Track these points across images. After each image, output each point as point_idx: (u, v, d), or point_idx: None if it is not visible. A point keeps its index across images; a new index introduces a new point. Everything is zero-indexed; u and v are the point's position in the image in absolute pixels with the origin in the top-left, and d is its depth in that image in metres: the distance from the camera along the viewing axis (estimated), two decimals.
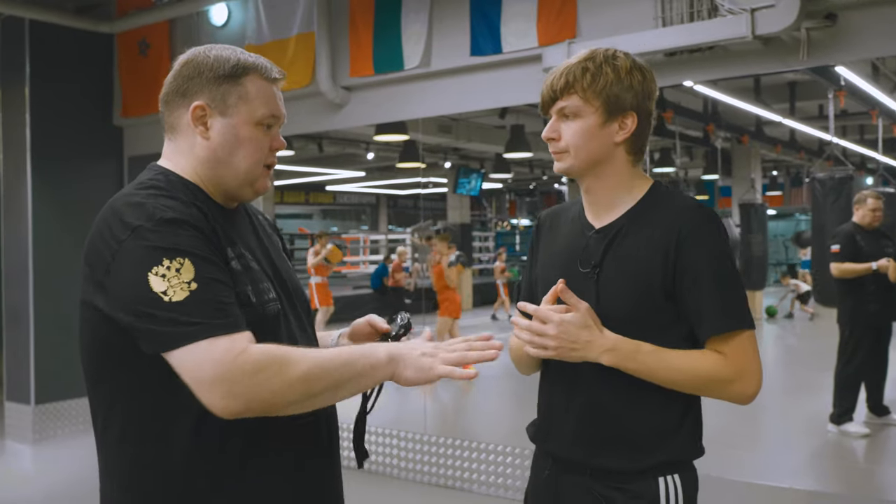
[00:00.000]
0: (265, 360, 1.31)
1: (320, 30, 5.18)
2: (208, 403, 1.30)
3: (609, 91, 1.63)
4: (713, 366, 1.59)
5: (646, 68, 1.69)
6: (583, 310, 1.58)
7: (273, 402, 1.32)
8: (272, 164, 1.58)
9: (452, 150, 14.91)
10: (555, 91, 1.67)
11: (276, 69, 1.57)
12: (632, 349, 1.58)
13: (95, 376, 1.47)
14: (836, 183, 8.01)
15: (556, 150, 1.70)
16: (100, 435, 1.49)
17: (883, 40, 3.68)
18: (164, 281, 1.31)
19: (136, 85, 6.36)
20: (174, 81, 1.53)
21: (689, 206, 1.65)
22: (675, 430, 1.65)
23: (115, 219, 1.38)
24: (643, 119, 1.68)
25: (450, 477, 4.88)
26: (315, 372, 1.35)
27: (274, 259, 1.62)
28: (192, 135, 1.52)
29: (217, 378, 1.28)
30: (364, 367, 1.40)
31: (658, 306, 1.61)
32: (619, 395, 1.64)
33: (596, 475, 1.66)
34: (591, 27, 4.29)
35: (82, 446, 6.03)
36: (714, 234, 1.62)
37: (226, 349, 1.30)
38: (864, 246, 5.79)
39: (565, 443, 1.71)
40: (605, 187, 1.70)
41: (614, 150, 1.68)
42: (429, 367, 1.42)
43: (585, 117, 1.65)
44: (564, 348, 1.58)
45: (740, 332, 1.60)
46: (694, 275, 1.59)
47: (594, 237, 1.70)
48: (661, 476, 1.63)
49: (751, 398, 1.62)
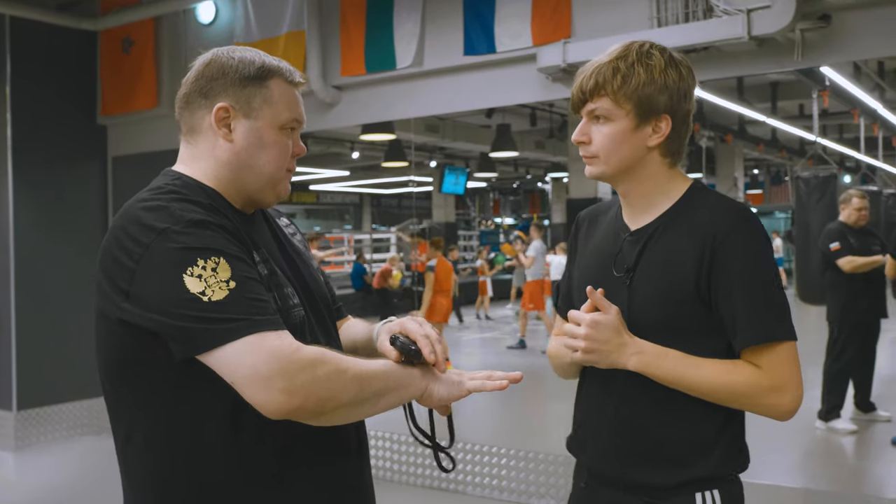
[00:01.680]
0: (321, 356, 1.28)
1: (311, 28, 5.12)
2: (263, 400, 1.24)
3: (641, 93, 1.55)
4: (746, 379, 1.51)
5: (683, 63, 1.59)
6: (613, 313, 1.53)
7: (328, 400, 1.28)
8: (293, 169, 1.54)
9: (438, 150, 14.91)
10: (584, 92, 1.60)
11: (297, 73, 1.54)
12: (658, 353, 1.52)
13: (118, 389, 1.42)
14: (820, 182, 8.06)
15: (586, 154, 1.64)
16: (122, 447, 1.44)
17: (875, 41, 3.69)
18: (200, 281, 1.26)
19: (116, 83, 6.27)
20: (196, 82, 1.48)
21: (727, 206, 1.57)
22: (714, 444, 1.57)
23: (134, 224, 1.33)
24: (679, 121, 1.59)
25: (444, 479, 4.85)
26: (367, 375, 1.33)
27: (297, 263, 1.58)
28: (213, 137, 1.47)
29: (276, 372, 1.23)
30: (405, 377, 1.39)
31: (692, 314, 1.54)
32: (655, 406, 1.57)
33: (630, 489, 1.60)
34: (586, 27, 4.28)
35: (65, 452, 5.96)
36: (753, 236, 1.53)
37: (280, 343, 1.25)
38: (854, 244, 5.84)
39: (600, 455, 1.65)
40: (641, 191, 1.63)
41: (648, 155, 1.60)
42: (458, 383, 1.42)
43: (616, 121, 1.57)
44: (594, 350, 1.53)
45: (779, 344, 1.51)
46: (730, 280, 1.51)
47: (629, 240, 1.63)
48: (698, 492, 1.55)
49: (789, 414, 1.53)
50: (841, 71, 7.25)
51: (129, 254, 1.30)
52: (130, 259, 1.30)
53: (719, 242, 1.52)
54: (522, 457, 4.60)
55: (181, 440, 1.36)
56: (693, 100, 1.62)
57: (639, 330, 1.55)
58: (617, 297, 1.57)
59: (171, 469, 1.37)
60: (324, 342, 1.52)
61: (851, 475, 5.22)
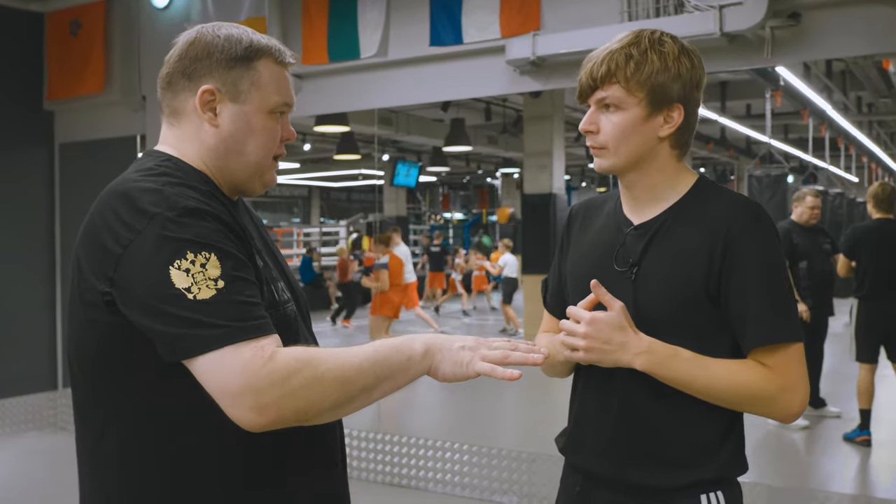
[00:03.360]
0: (295, 365, 1.19)
1: (271, 15, 4.99)
2: (234, 416, 1.18)
3: (654, 81, 1.49)
4: (756, 379, 1.46)
5: (694, 53, 1.55)
6: (617, 308, 1.46)
7: (307, 410, 1.20)
8: (281, 155, 1.46)
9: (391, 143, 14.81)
10: (594, 80, 1.52)
11: (288, 53, 1.44)
12: (669, 354, 1.46)
13: (94, 383, 1.32)
14: (771, 180, 8.23)
15: (594, 144, 1.56)
16: (92, 446, 1.34)
17: (844, 40, 3.74)
18: (187, 276, 1.18)
19: (63, 67, 6.04)
20: (179, 62, 1.38)
21: (739, 201, 1.53)
22: (720, 445, 1.53)
23: (126, 206, 1.24)
24: (690, 111, 1.54)
25: (405, 476, 4.78)
26: (349, 374, 1.23)
27: (277, 256, 1.51)
28: (198, 121, 1.38)
29: (245, 389, 1.16)
30: (400, 362, 1.28)
31: (700, 311, 1.49)
32: (659, 406, 1.51)
33: (631, 492, 1.54)
34: (556, 19, 4.25)
35: (7, 450, 5.74)
36: (766, 233, 1.49)
37: (252, 356, 1.17)
38: (799, 243, 5.92)
39: (598, 456, 1.59)
40: (648, 184, 1.57)
41: (658, 146, 1.54)
42: (467, 363, 1.29)
43: (628, 109, 1.51)
44: (596, 349, 1.46)
45: (790, 345, 1.47)
46: (741, 278, 1.46)
47: (632, 234, 1.57)
48: (703, 493, 1.51)
49: (795, 417, 1.50)
50: (793, 71, 7.37)
51: (117, 238, 1.22)
52: (118, 244, 1.21)
53: (733, 237, 1.48)
54: (485, 453, 4.55)
55: (162, 443, 1.28)
56: (702, 91, 1.58)
57: (645, 326, 1.49)
58: (618, 292, 1.50)
59: (149, 473, 1.29)
60: (309, 338, 1.47)
61: (800, 470, 5.32)
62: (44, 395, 6.19)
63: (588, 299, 1.50)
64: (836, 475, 5.22)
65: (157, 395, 1.27)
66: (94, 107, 5.99)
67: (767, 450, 5.64)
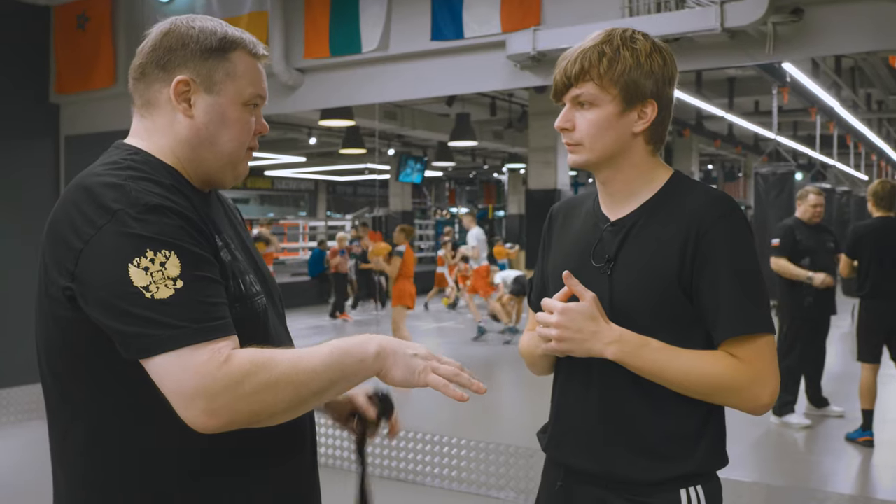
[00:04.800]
0: (250, 369, 1.19)
1: (274, 9, 5.00)
2: (186, 417, 1.18)
3: (627, 77, 1.51)
4: (726, 370, 1.47)
5: (666, 50, 1.57)
6: (589, 299, 1.48)
7: (260, 413, 1.21)
8: (254, 148, 1.46)
9: (396, 137, 14.81)
10: (569, 77, 1.55)
11: (261, 45, 1.45)
12: (639, 343, 1.48)
13: (60, 379, 1.32)
14: (778, 178, 8.18)
15: (569, 141, 1.59)
16: (59, 442, 1.35)
17: (846, 37, 3.71)
18: (146, 275, 1.17)
19: (72, 60, 6.07)
20: (153, 52, 1.38)
21: (711, 195, 1.55)
22: (698, 438, 1.54)
23: (88, 201, 1.23)
24: (664, 107, 1.57)
25: (402, 470, 4.79)
26: (303, 377, 1.23)
27: (250, 248, 1.51)
28: (172, 112, 1.38)
29: (198, 392, 1.16)
30: (352, 365, 1.28)
31: (675, 303, 1.50)
32: (636, 399, 1.53)
33: (612, 487, 1.55)
34: (557, 14, 4.24)
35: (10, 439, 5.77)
36: (737, 226, 1.51)
37: (207, 359, 1.17)
38: (802, 241, 5.88)
39: (579, 451, 1.60)
40: (623, 179, 1.59)
41: (633, 141, 1.56)
42: (419, 371, 1.30)
43: (602, 106, 1.54)
44: (567, 339, 1.48)
45: (760, 336, 1.48)
46: (713, 271, 1.48)
47: (609, 230, 1.60)
48: (682, 488, 1.52)
49: (764, 408, 1.51)
50: (801, 68, 7.33)
51: (79, 233, 1.22)
52: (79, 239, 1.21)
53: (704, 231, 1.49)
54: (483, 448, 4.56)
55: (129, 440, 1.28)
56: (674, 87, 1.60)
57: (621, 320, 1.51)
58: (596, 287, 1.52)
59: (116, 470, 1.29)
60: (281, 330, 1.47)
61: (801, 469, 5.28)
62: None
63: (562, 291, 1.53)
64: (837, 475, 5.19)
65: (121, 390, 1.26)
66: (100, 99, 6.01)
67: (768, 449, 5.62)
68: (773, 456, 5.47)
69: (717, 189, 1.63)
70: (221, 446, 1.28)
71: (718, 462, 1.58)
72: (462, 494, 4.57)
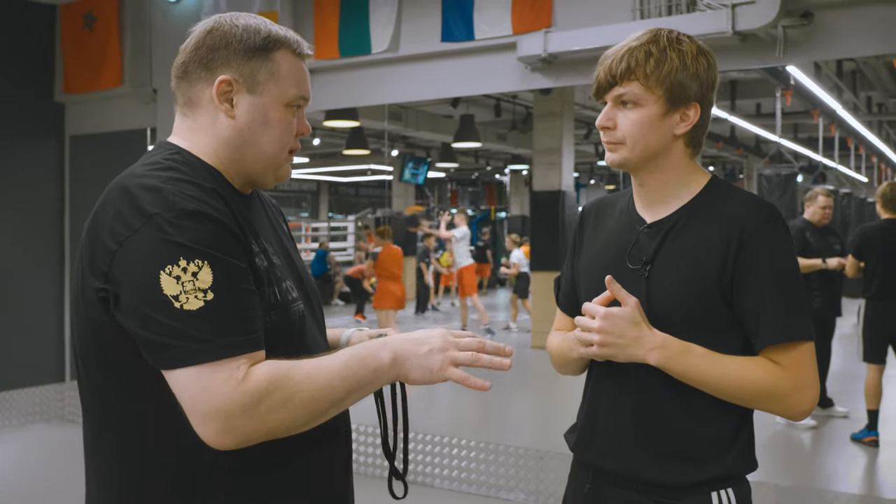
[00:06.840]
0: (267, 388, 1.19)
1: (283, 9, 5.01)
2: (201, 435, 1.18)
3: (673, 79, 1.50)
4: (768, 377, 1.47)
5: (710, 53, 1.56)
6: (632, 304, 1.47)
7: (276, 430, 1.22)
8: (296, 150, 1.44)
9: (400, 138, 14.81)
10: (613, 76, 1.53)
11: (305, 44, 1.42)
12: (682, 349, 1.47)
13: (95, 380, 1.32)
14: (781, 180, 8.20)
15: (610, 139, 1.57)
16: (91, 443, 1.35)
17: (856, 40, 3.73)
18: (177, 284, 1.17)
19: (79, 60, 6.06)
20: (195, 51, 1.37)
21: (753, 201, 1.54)
22: (732, 442, 1.54)
23: (126, 202, 1.23)
24: (705, 110, 1.56)
25: (410, 471, 4.79)
26: (319, 392, 1.24)
27: (290, 251, 1.49)
28: (214, 112, 1.37)
29: (213, 412, 1.17)
30: (368, 375, 1.28)
31: (714, 309, 1.50)
32: (672, 403, 1.52)
33: (643, 489, 1.55)
34: (568, 16, 4.25)
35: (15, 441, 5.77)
36: (780, 233, 1.50)
37: (226, 378, 1.17)
38: (812, 243, 5.91)
39: (610, 453, 1.59)
40: (661, 181, 1.58)
41: (673, 143, 1.55)
42: (437, 369, 1.29)
43: (646, 106, 1.52)
44: (610, 344, 1.47)
45: (801, 343, 1.48)
46: (755, 277, 1.47)
47: (646, 232, 1.58)
48: (714, 491, 1.52)
49: (805, 414, 1.52)
50: (804, 70, 7.35)
51: (114, 235, 1.21)
52: (114, 240, 1.21)
53: (748, 236, 1.48)
54: (493, 449, 4.56)
55: (164, 444, 1.27)
56: (716, 92, 1.59)
57: (658, 324, 1.50)
58: (632, 289, 1.51)
59: (150, 474, 1.28)
60: (318, 335, 1.46)
61: (807, 469, 5.31)
62: (51, 387, 6.21)
63: (603, 296, 1.51)
64: (843, 475, 5.21)
65: (152, 392, 1.25)
66: (105, 99, 6.01)
67: (775, 449, 5.63)
68: (780, 456, 5.48)
69: (758, 195, 1.62)
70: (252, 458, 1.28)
71: (749, 466, 1.58)
72: (471, 496, 4.58)
